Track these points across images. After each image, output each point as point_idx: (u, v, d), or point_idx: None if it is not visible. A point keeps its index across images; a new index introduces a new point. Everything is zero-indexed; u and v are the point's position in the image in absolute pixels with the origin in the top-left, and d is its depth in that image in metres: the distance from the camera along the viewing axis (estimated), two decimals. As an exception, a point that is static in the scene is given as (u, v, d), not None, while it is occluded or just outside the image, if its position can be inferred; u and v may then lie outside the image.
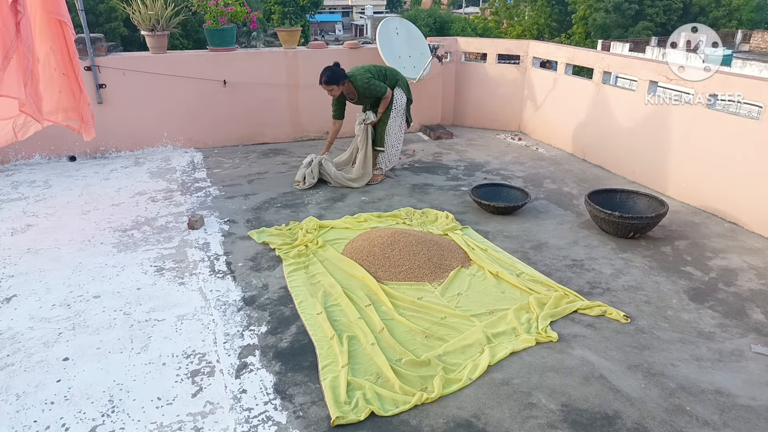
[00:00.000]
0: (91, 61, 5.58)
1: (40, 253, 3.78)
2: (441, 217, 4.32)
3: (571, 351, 2.80)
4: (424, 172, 5.55)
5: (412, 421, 2.35)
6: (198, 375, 2.62)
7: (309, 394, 2.50)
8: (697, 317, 3.12)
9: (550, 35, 32.87)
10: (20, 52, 3.36)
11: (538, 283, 3.40)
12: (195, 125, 6.17)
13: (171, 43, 13.04)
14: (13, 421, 2.34)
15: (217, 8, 5.90)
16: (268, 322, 3.03)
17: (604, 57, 5.74)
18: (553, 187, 5.17)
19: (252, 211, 4.54)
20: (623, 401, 2.47)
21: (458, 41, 7.11)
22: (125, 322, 3.02)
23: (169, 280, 3.46)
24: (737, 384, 2.59)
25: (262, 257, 3.76)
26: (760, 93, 4.11)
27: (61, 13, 3.87)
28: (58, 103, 4.09)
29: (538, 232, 4.18)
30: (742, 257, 3.82)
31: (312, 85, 6.41)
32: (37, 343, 2.84)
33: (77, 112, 4.17)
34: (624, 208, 4.19)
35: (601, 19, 28.26)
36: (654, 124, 5.00)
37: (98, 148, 5.88)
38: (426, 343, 2.85)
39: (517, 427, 2.32)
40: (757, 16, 31.81)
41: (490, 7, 40.51)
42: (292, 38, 6.42)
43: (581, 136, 5.98)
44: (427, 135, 6.91)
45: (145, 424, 2.32)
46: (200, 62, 6.03)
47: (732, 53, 18.42)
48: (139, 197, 4.79)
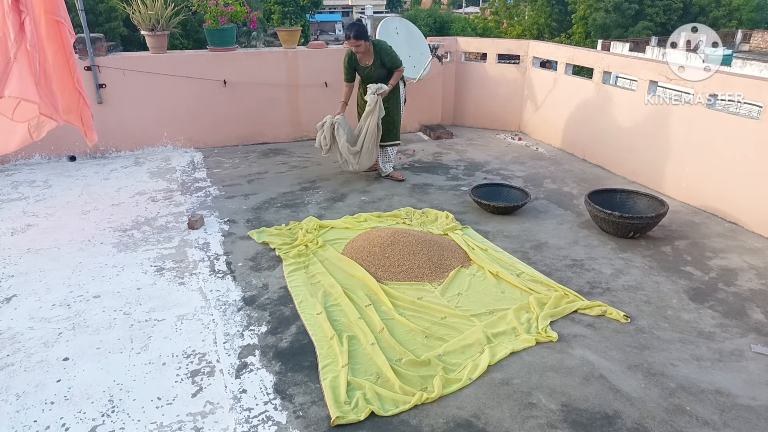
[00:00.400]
0: (91, 61, 5.58)
1: (40, 253, 3.78)
2: (441, 217, 4.32)
3: (571, 351, 2.80)
4: (424, 172, 5.55)
5: (412, 421, 2.35)
6: (198, 375, 2.62)
7: (309, 394, 2.50)
8: (697, 317, 3.12)
9: (550, 35, 32.86)
10: (25, 51, 3.36)
11: (538, 283, 3.40)
12: (195, 125, 6.17)
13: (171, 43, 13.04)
14: (13, 421, 2.34)
15: (217, 8, 5.90)
16: (268, 322, 3.03)
17: (604, 57, 5.74)
18: (553, 187, 5.17)
19: (252, 211, 4.54)
20: (623, 401, 2.47)
21: (458, 41, 7.11)
22: (125, 322, 3.02)
23: (169, 280, 3.46)
24: (737, 384, 2.59)
25: (262, 257, 3.76)
26: (760, 93, 4.11)
27: (59, 14, 3.87)
28: (70, 103, 4.09)
29: (538, 232, 4.18)
30: (742, 257, 3.82)
31: (312, 85, 6.45)
32: (37, 343, 2.84)
33: (78, 113, 4.17)
34: (624, 208, 4.19)
35: (601, 19, 28.25)
36: (654, 124, 5.00)
37: (98, 148, 5.88)
38: (426, 343, 2.85)
39: (517, 427, 2.32)
40: (757, 16, 31.80)
41: (490, 7, 40.50)
42: (292, 38, 6.42)
43: (581, 135, 5.98)
44: (427, 135, 6.91)
45: (145, 424, 2.32)
46: (200, 62, 6.03)
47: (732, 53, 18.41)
48: (139, 197, 4.79)
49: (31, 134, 4.06)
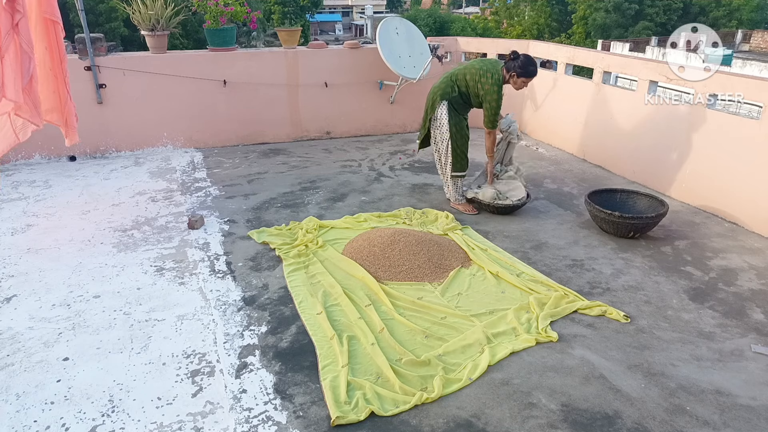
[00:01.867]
0: (91, 61, 5.58)
1: (40, 253, 3.78)
2: (441, 217, 4.32)
3: (571, 351, 2.80)
4: (424, 172, 5.55)
5: (412, 421, 2.35)
6: (198, 375, 2.62)
7: (309, 394, 2.50)
8: (697, 317, 3.12)
9: (550, 35, 32.88)
10: (17, 52, 3.35)
11: (538, 283, 3.40)
12: (195, 125, 6.17)
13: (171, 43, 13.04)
14: (13, 421, 2.34)
15: (217, 8, 5.90)
16: (268, 322, 3.03)
17: (604, 57, 5.74)
18: (553, 186, 5.17)
19: (252, 211, 4.54)
20: (623, 401, 2.47)
21: (458, 41, 7.11)
22: (125, 322, 3.02)
23: (169, 280, 3.46)
24: (737, 384, 2.59)
25: (262, 257, 3.76)
26: (760, 93, 4.11)
27: (55, 14, 3.87)
28: (53, 102, 4.09)
29: (538, 232, 4.18)
30: (742, 257, 3.82)
31: (312, 85, 6.45)
32: (37, 343, 2.84)
33: (62, 114, 4.17)
34: (624, 207, 4.19)
35: (601, 19, 28.27)
36: (654, 124, 5.00)
37: (98, 148, 5.88)
38: (426, 343, 2.85)
39: (517, 427, 2.32)
40: (757, 16, 31.81)
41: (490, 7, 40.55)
42: (292, 38, 6.42)
43: (581, 136, 5.97)
44: (427, 135, 6.90)
45: (145, 424, 2.32)
46: (200, 62, 6.03)
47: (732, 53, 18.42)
48: (139, 197, 4.79)
49: (17, 135, 4.05)
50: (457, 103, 4.41)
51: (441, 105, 4.42)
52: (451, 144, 4.44)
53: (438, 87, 4.47)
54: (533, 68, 4.30)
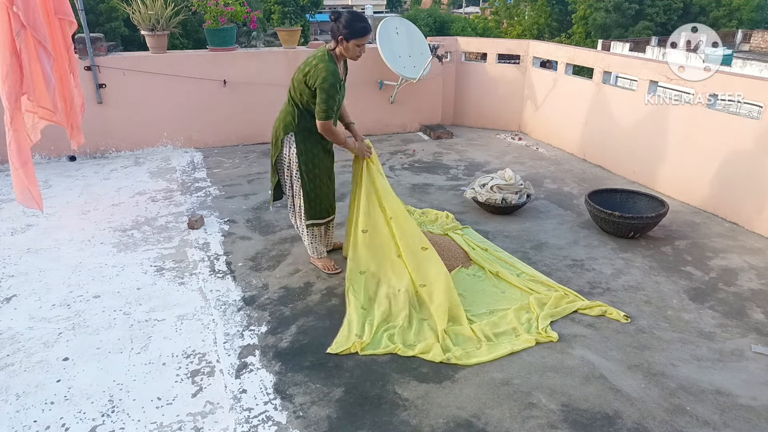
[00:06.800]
0: (91, 61, 5.58)
1: (40, 253, 3.78)
2: (441, 217, 4.32)
3: (571, 351, 2.80)
4: (424, 172, 5.55)
5: (412, 421, 2.35)
6: (198, 375, 2.62)
7: (309, 394, 2.50)
8: (697, 317, 3.12)
9: (550, 35, 32.86)
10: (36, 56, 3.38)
11: (538, 283, 3.40)
12: (195, 125, 6.17)
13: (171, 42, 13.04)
14: (13, 421, 2.34)
15: (217, 8, 5.90)
16: (268, 322, 3.03)
17: (604, 57, 5.74)
18: (553, 187, 5.17)
19: (252, 210, 4.53)
20: (623, 401, 2.47)
21: (458, 41, 7.11)
22: (125, 322, 3.02)
23: (169, 280, 3.46)
24: (737, 384, 2.59)
25: (262, 257, 3.76)
26: (760, 93, 4.11)
27: (68, 13, 3.88)
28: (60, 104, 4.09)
29: (538, 232, 4.18)
30: (742, 257, 3.82)
31: (312, 85, 6.43)
32: (37, 343, 2.84)
33: (67, 115, 4.18)
34: (624, 207, 4.19)
35: (601, 19, 28.25)
36: (654, 123, 5.00)
37: (98, 148, 5.88)
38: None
39: (517, 427, 2.32)
40: (757, 16, 31.80)
41: (490, 6, 40.53)
42: (292, 38, 6.42)
43: (581, 135, 5.97)
44: (427, 135, 6.91)
45: (145, 424, 2.32)
46: (200, 62, 6.03)
47: (732, 53, 18.41)
48: (139, 197, 4.79)
49: (30, 137, 4.06)
50: (304, 130, 3.37)
51: (285, 140, 3.42)
52: (302, 185, 3.41)
53: (278, 119, 3.51)
54: (362, 24, 3.23)
